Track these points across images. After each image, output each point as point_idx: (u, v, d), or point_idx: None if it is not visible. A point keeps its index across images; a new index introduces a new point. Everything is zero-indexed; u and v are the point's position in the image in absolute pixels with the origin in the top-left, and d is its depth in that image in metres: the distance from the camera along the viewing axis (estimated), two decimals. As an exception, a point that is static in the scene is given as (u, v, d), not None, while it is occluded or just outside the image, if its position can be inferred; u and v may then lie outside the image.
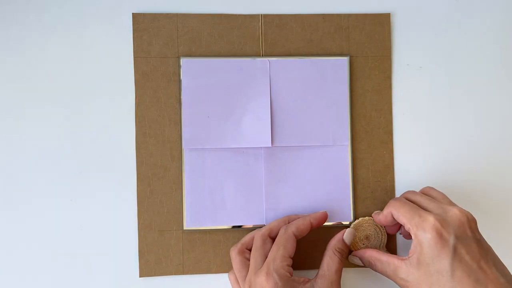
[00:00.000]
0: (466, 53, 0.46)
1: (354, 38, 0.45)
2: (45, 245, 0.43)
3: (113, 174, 0.43)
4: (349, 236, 0.41)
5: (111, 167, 0.43)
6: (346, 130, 0.44)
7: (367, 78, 0.45)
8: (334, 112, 0.44)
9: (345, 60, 0.44)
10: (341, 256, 0.39)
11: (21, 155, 0.43)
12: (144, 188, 0.43)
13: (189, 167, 0.43)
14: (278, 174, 0.44)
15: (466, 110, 0.46)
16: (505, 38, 0.46)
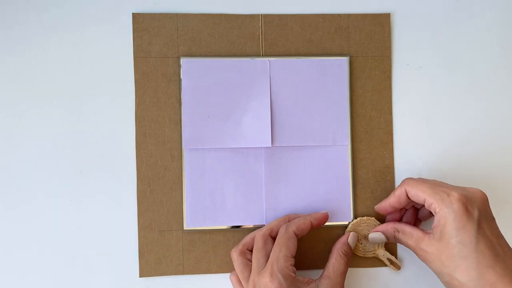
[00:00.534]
0: (466, 53, 0.46)
1: (354, 38, 0.45)
2: (45, 245, 0.43)
3: (113, 174, 0.43)
4: (353, 239, 0.42)
5: (111, 167, 0.43)
6: (346, 130, 0.44)
7: (367, 78, 0.45)
8: (334, 112, 0.44)
9: (345, 60, 0.44)
10: (347, 259, 0.40)
11: (21, 155, 0.43)
12: (144, 188, 0.43)
13: (189, 167, 0.43)
14: (278, 174, 0.44)
15: (466, 110, 0.46)
16: (505, 38, 0.46)
